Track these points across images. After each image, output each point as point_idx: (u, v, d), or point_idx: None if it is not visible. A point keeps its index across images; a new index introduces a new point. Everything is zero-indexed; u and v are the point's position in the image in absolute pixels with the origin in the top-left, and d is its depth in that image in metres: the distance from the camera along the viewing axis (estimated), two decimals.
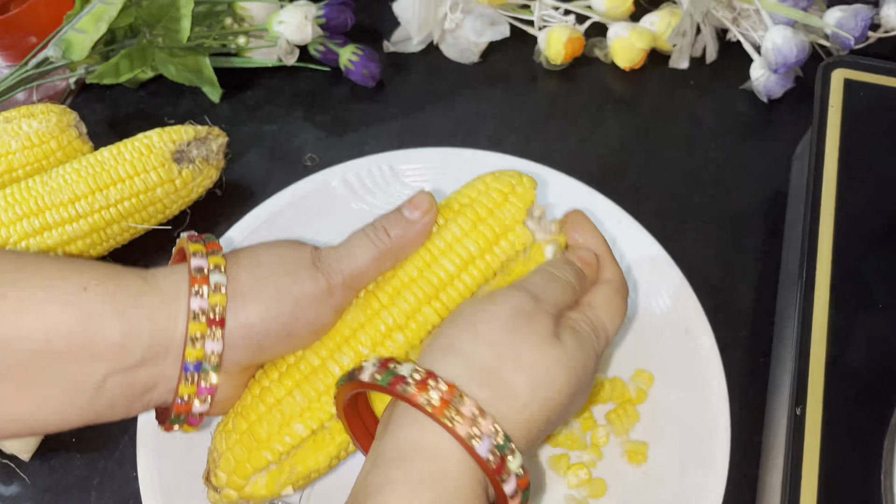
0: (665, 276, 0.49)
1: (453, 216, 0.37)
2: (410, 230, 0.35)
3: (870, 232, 0.43)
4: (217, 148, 0.55)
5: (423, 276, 0.35)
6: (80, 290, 0.31)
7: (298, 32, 0.59)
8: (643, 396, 0.47)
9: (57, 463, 0.48)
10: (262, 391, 0.36)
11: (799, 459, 0.36)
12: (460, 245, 0.36)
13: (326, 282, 0.34)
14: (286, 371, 0.36)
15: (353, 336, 0.35)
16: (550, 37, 0.60)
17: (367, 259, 0.35)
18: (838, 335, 0.39)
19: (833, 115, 0.46)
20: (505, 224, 0.37)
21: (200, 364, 0.32)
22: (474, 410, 0.29)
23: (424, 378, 0.30)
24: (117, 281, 0.32)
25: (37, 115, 0.55)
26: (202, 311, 0.32)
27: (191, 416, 0.34)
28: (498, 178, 0.38)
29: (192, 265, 0.33)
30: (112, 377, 0.32)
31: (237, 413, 0.36)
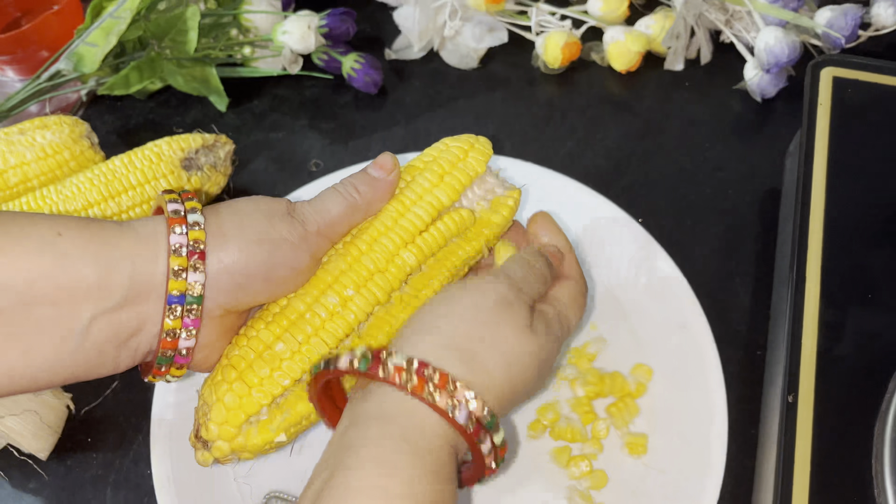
0: (662, 273, 0.50)
1: (419, 172, 0.40)
2: (377, 187, 0.38)
3: (859, 227, 0.44)
4: (224, 155, 0.56)
5: (398, 223, 0.38)
6: (54, 235, 0.31)
7: (302, 42, 0.61)
8: (642, 390, 0.48)
9: (73, 462, 0.49)
10: (250, 340, 0.36)
11: (791, 445, 0.38)
12: (430, 195, 0.39)
13: (302, 228, 0.36)
14: (273, 319, 0.37)
15: (336, 281, 0.37)
16: (548, 42, 0.62)
17: (339, 211, 0.37)
18: (829, 327, 0.40)
19: (822, 113, 0.47)
20: (469, 175, 0.40)
21: (184, 296, 0.33)
22: (452, 384, 0.32)
23: (401, 363, 0.32)
24: (92, 226, 0.32)
25: (50, 127, 0.57)
26: (182, 245, 0.33)
27: (177, 353, 0.34)
28: (456, 139, 0.41)
29: (168, 209, 0.34)
30: (96, 320, 0.32)
31: (225, 364, 0.36)
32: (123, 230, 0.33)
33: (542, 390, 0.39)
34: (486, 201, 0.41)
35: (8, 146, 0.55)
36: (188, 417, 0.47)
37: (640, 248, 0.51)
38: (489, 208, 0.41)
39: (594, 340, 0.50)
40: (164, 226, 0.34)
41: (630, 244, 0.52)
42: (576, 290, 0.40)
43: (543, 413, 0.48)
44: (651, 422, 0.47)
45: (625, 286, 0.51)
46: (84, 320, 0.32)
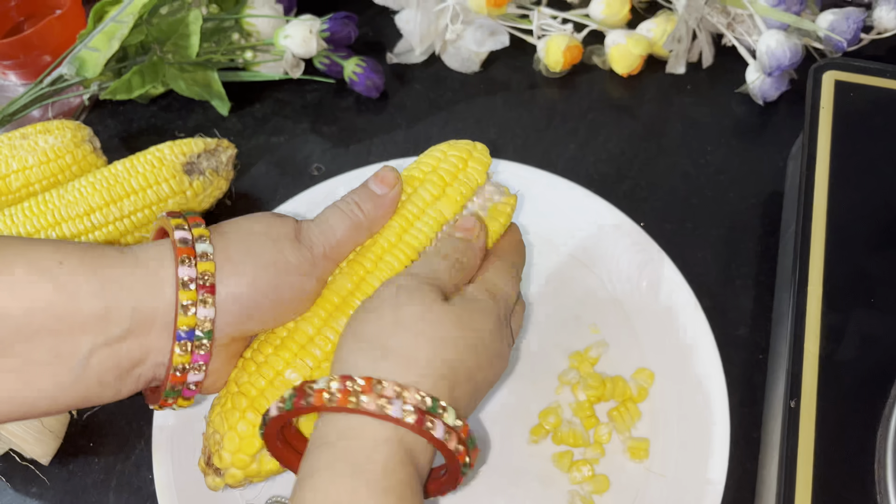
0: (664, 277, 0.50)
1: (420, 184, 0.39)
2: (380, 204, 0.37)
3: (862, 230, 0.44)
4: (226, 159, 0.56)
5: (403, 239, 0.38)
6: (55, 263, 0.31)
7: (303, 46, 0.61)
8: (644, 394, 0.48)
9: (75, 467, 0.49)
10: (260, 366, 0.36)
11: (794, 450, 0.37)
12: (433, 209, 0.38)
13: (309, 253, 0.35)
14: (281, 344, 0.36)
15: (343, 303, 0.36)
16: (549, 45, 0.62)
17: (343, 231, 0.36)
18: (831, 331, 0.40)
19: (824, 117, 0.47)
20: (470, 186, 0.40)
21: (193, 332, 0.32)
22: (378, 384, 0.30)
23: (322, 385, 0.31)
24: (93, 254, 0.32)
25: (52, 131, 0.57)
26: (191, 279, 0.32)
27: (186, 387, 0.34)
28: (453, 145, 0.41)
29: (175, 237, 0.33)
30: (97, 351, 0.31)
31: (235, 392, 0.36)
32: (126, 259, 0.32)
33: (502, 367, 0.36)
34: (485, 210, 0.41)
35: (10, 150, 0.55)
36: (190, 422, 0.47)
37: (642, 251, 0.51)
38: (488, 216, 0.41)
39: (596, 344, 0.50)
40: (170, 254, 0.33)
41: (632, 248, 0.52)
42: (503, 265, 0.38)
43: (545, 417, 0.48)
44: (653, 426, 0.47)
45: (627, 290, 0.51)
46: (84, 351, 0.31)
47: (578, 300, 0.52)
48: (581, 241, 0.53)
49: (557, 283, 0.52)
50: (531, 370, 0.50)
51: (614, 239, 0.52)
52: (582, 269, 0.53)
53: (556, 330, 0.51)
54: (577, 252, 0.53)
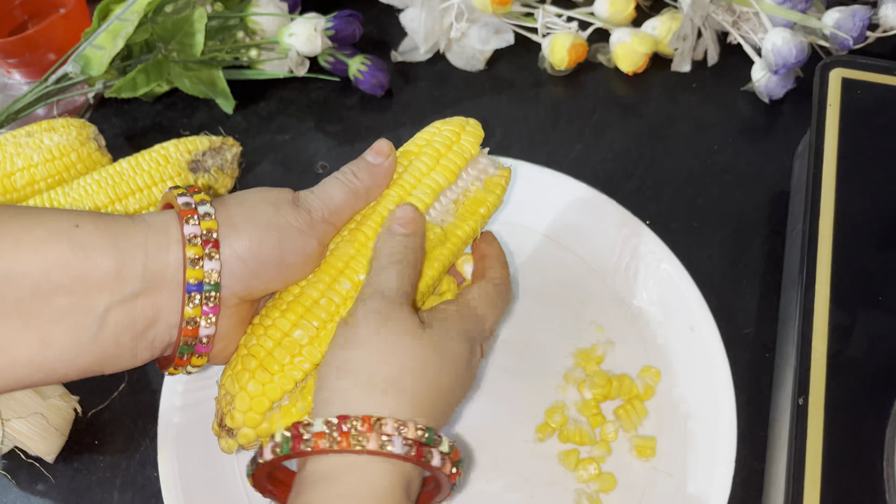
0: (671, 276, 0.50)
1: (416, 157, 0.40)
2: (376, 173, 0.38)
3: (869, 228, 0.43)
4: (231, 157, 0.56)
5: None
6: (71, 226, 0.32)
7: (308, 44, 0.61)
8: (650, 392, 0.48)
9: (80, 464, 0.49)
10: (268, 329, 0.37)
11: (802, 448, 0.37)
12: (428, 178, 0.40)
13: (308, 216, 0.36)
14: (288, 307, 0.37)
15: (347, 266, 0.38)
16: (554, 43, 0.62)
17: (341, 198, 0.37)
18: (839, 329, 0.40)
19: (831, 115, 0.47)
20: (464, 157, 0.41)
21: (201, 284, 0.34)
22: (377, 422, 0.31)
23: (321, 428, 0.32)
24: (106, 219, 0.33)
25: (57, 129, 0.57)
26: (196, 235, 0.33)
27: (198, 342, 0.35)
28: (446, 122, 0.42)
29: (179, 202, 0.34)
30: (112, 310, 0.32)
31: (245, 354, 0.37)
32: (136, 222, 0.34)
33: (471, 389, 0.38)
34: (480, 181, 0.42)
35: (16, 148, 0.55)
36: (195, 420, 0.47)
37: (649, 250, 0.51)
38: (483, 188, 0.42)
39: (602, 343, 0.50)
40: (175, 218, 0.34)
41: (639, 247, 0.52)
42: (488, 289, 0.39)
43: (551, 415, 0.47)
44: (659, 424, 0.47)
45: (633, 288, 0.51)
46: (100, 309, 0.32)
47: (584, 299, 0.52)
48: (587, 240, 0.53)
49: (563, 282, 0.52)
50: (537, 368, 0.49)
51: (621, 239, 0.52)
52: (589, 269, 0.52)
53: (562, 328, 0.51)
54: (583, 251, 0.53)
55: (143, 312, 0.33)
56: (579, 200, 0.54)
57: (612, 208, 0.53)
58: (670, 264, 0.50)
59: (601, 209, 0.53)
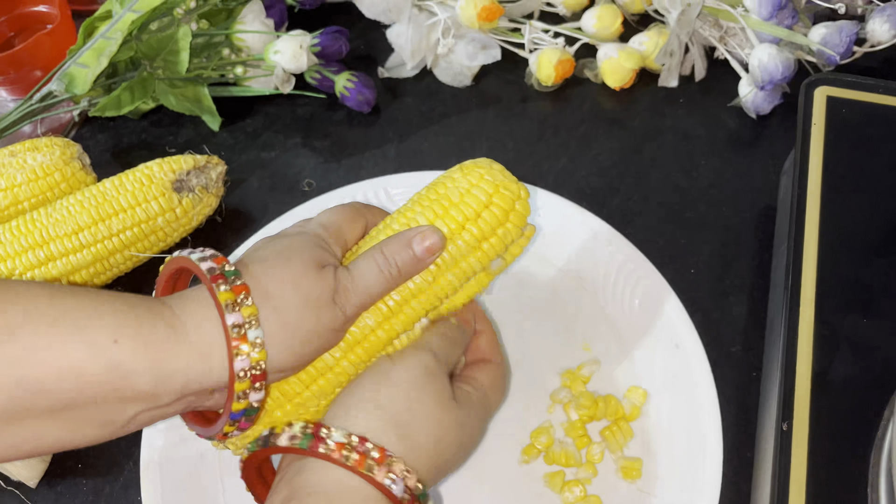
0: (656, 293, 0.50)
1: (458, 233, 0.38)
2: (418, 266, 0.37)
3: (854, 247, 0.43)
4: (216, 176, 0.56)
5: (431, 288, 0.38)
6: (110, 342, 0.32)
7: (294, 61, 0.60)
8: (637, 413, 0.48)
9: (63, 489, 0.49)
10: (273, 421, 0.39)
11: (786, 475, 0.37)
12: (465, 262, 0.39)
13: (343, 315, 0.36)
14: (289, 402, 0.39)
15: (364, 339, 0.39)
16: (541, 59, 0.62)
17: (378, 289, 0.37)
18: (824, 350, 0.40)
19: (816, 133, 0.47)
20: (505, 243, 0.40)
21: (245, 410, 0.35)
22: (389, 459, 0.34)
23: (341, 439, 0.34)
24: (146, 332, 0.32)
25: (41, 149, 0.56)
26: (246, 371, 0.33)
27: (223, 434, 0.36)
28: (501, 187, 0.39)
29: (228, 322, 0.33)
30: (142, 413, 0.34)
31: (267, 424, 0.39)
32: (179, 340, 0.33)
33: (461, 465, 0.40)
34: (503, 257, 0.41)
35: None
36: (178, 443, 0.47)
37: (635, 268, 0.51)
38: (503, 261, 0.42)
39: (588, 362, 0.49)
40: (219, 332, 0.33)
41: (624, 264, 0.51)
42: (497, 373, 0.42)
43: (537, 437, 0.47)
44: (645, 445, 0.47)
45: (618, 307, 0.51)
46: (130, 414, 0.33)
47: (570, 318, 0.51)
48: (573, 258, 0.53)
49: (549, 301, 0.52)
50: (523, 389, 0.49)
51: (606, 255, 0.52)
52: (574, 286, 0.52)
53: (548, 348, 0.50)
54: (569, 269, 0.53)
55: (172, 412, 0.35)
56: (565, 217, 0.53)
57: (598, 225, 0.53)
58: (655, 282, 0.50)
59: (587, 227, 0.53)
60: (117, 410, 0.33)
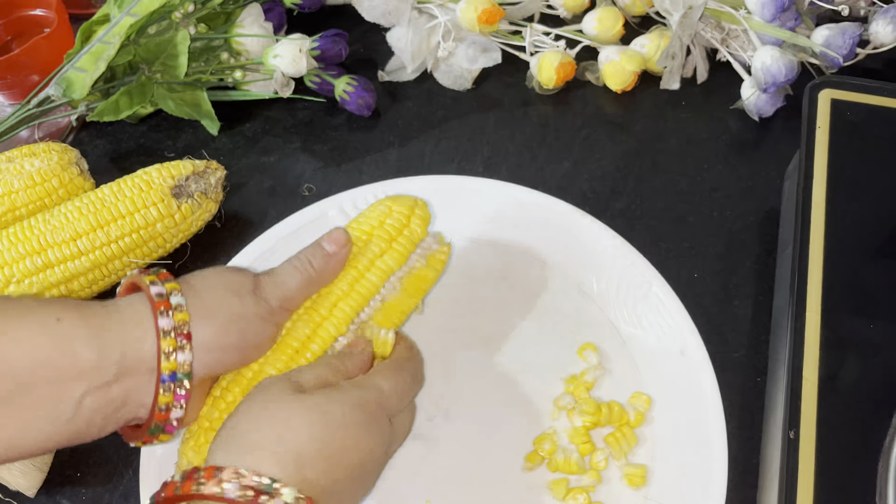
0: (659, 299, 0.49)
1: (369, 238, 0.44)
2: (331, 261, 0.41)
3: (860, 251, 0.43)
4: (215, 181, 0.56)
5: (354, 289, 0.42)
6: (54, 321, 0.34)
7: (293, 65, 0.60)
8: (641, 419, 0.47)
9: (62, 497, 0.48)
10: (228, 405, 0.40)
11: (794, 483, 0.37)
12: (381, 261, 0.43)
13: (267, 305, 0.39)
14: (248, 385, 0.40)
15: (303, 346, 0.41)
16: (542, 62, 0.61)
17: (296, 285, 0.40)
18: (830, 355, 0.40)
19: (821, 136, 0.46)
20: (413, 241, 0.45)
21: (175, 374, 0.36)
22: (218, 470, 0.33)
23: (171, 479, 0.34)
24: (84, 311, 0.35)
25: (39, 154, 0.56)
26: (171, 329, 0.36)
27: (168, 423, 0.37)
28: (397, 201, 0.46)
29: (151, 291, 0.37)
30: (88, 396, 0.35)
31: (207, 427, 0.39)
32: (111, 313, 0.36)
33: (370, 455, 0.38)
34: (424, 258, 0.45)
35: None
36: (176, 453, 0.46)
37: (638, 273, 0.51)
38: (426, 265, 0.45)
39: (592, 368, 0.49)
40: (148, 308, 0.37)
41: (627, 269, 0.51)
42: (390, 364, 0.41)
43: (540, 444, 0.47)
44: (650, 452, 0.46)
45: (622, 313, 0.50)
46: (76, 396, 0.34)
47: (574, 323, 0.51)
48: (577, 264, 0.52)
49: (552, 306, 0.52)
50: (526, 395, 0.49)
51: (610, 261, 0.51)
52: (577, 292, 0.52)
53: (551, 354, 0.50)
54: (573, 274, 0.52)
55: (116, 396, 0.36)
56: (569, 222, 0.53)
57: (602, 231, 0.52)
58: (659, 287, 0.50)
59: (591, 232, 0.52)
60: (65, 391, 0.34)
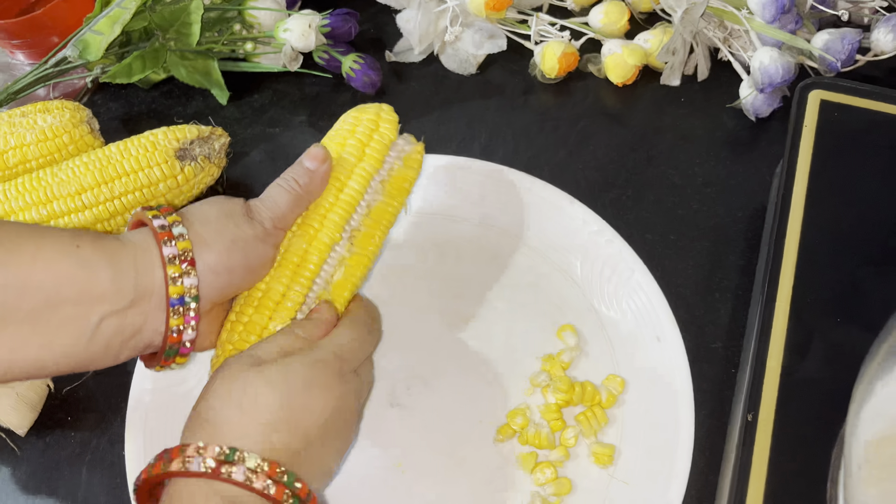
0: (641, 286, 0.51)
1: (342, 150, 0.45)
2: (315, 177, 0.43)
3: (834, 249, 0.44)
4: (219, 147, 0.57)
5: (339, 199, 0.44)
6: (73, 246, 0.37)
7: (302, 40, 0.62)
8: (613, 401, 0.48)
9: (52, 440, 0.50)
10: (247, 325, 0.41)
11: (748, 463, 0.38)
12: (359, 168, 0.45)
13: (261, 227, 0.41)
14: (260, 303, 0.42)
15: (303, 260, 0.42)
16: (545, 51, 0.62)
17: (287, 204, 0.42)
18: (795, 347, 0.41)
19: (807, 135, 0.47)
20: (385, 144, 0.46)
21: (182, 298, 0.38)
22: (183, 448, 0.35)
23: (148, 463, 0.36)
24: (98, 240, 0.38)
25: (52, 111, 0.58)
26: (175, 256, 0.38)
27: (182, 345, 0.39)
28: (361, 109, 0.47)
29: (154, 224, 0.39)
30: (106, 320, 0.37)
31: (231, 350, 0.41)
32: (123, 244, 0.38)
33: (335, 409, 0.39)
34: (400, 160, 0.47)
35: (9, 127, 0.57)
36: (163, 403, 0.48)
37: (622, 260, 0.52)
38: (403, 165, 0.46)
39: (569, 349, 0.50)
40: (153, 239, 0.39)
41: (612, 256, 0.52)
42: (346, 322, 0.43)
43: (513, 418, 0.48)
44: (619, 433, 0.48)
45: (605, 298, 0.52)
46: (96, 319, 0.37)
47: (555, 305, 0.52)
48: (562, 247, 0.53)
49: (535, 288, 0.53)
50: (503, 372, 0.50)
51: (595, 247, 0.53)
52: (560, 275, 0.53)
53: (531, 333, 0.51)
54: (557, 258, 0.53)
55: (132, 321, 0.38)
56: (556, 207, 0.54)
57: (588, 216, 0.53)
58: (641, 275, 0.51)
59: (578, 218, 0.54)
60: (85, 313, 0.36)
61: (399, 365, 0.51)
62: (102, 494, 0.49)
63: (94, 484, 0.49)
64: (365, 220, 0.45)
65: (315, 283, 0.42)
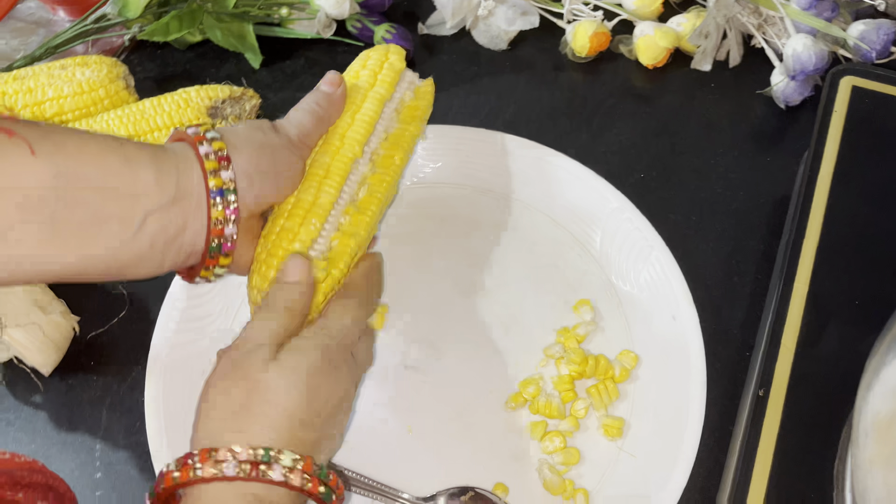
0: (660, 263, 0.51)
1: (357, 78, 0.48)
2: (333, 99, 0.45)
3: (855, 237, 0.44)
4: (250, 108, 0.58)
5: (356, 119, 0.46)
6: (118, 144, 0.38)
7: (337, 7, 0.62)
8: (626, 375, 0.49)
9: (74, 382, 0.52)
10: (280, 234, 0.42)
11: (756, 438, 0.38)
12: (373, 91, 0.47)
13: (287, 138, 0.43)
14: (291, 213, 0.43)
15: (328, 173, 0.44)
16: (577, 30, 0.62)
17: (311, 122, 0.44)
18: (811, 328, 0.41)
19: (836, 121, 0.47)
20: (396, 71, 0.49)
21: (222, 189, 0.39)
22: (211, 452, 0.35)
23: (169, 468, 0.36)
24: (140, 143, 0.39)
25: (90, 65, 0.59)
26: (210, 153, 0.39)
27: (224, 240, 0.40)
28: (373, 49, 0.50)
29: (189, 132, 0.41)
30: (151, 215, 0.38)
31: (265, 258, 0.42)
32: (163, 147, 0.40)
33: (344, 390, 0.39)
34: (411, 91, 0.49)
35: (48, 79, 0.58)
36: (182, 353, 0.49)
37: (641, 237, 0.52)
38: (415, 97, 0.49)
39: (585, 323, 0.50)
40: (189, 146, 0.40)
41: (632, 233, 0.52)
42: (340, 298, 0.43)
43: (525, 387, 0.49)
44: (630, 407, 0.48)
45: (623, 274, 0.52)
46: (141, 214, 0.37)
47: (574, 279, 0.52)
48: (582, 222, 0.54)
49: (556, 261, 0.53)
50: (518, 341, 0.51)
51: (616, 223, 0.53)
52: (580, 249, 0.53)
53: (548, 305, 0.52)
54: (578, 232, 0.54)
55: (175, 219, 0.39)
56: (579, 182, 0.54)
57: (610, 192, 0.53)
58: (661, 252, 0.51)
59: (600, 193, 0.54)
60: (131, 208, 0.37)
61: (414, 329, 0.51)
62: (121, 435, 0.50)
63: (113, 425, 0.50)
64: (383, 143, 0.47)
65: (341, 194, 0.44)
